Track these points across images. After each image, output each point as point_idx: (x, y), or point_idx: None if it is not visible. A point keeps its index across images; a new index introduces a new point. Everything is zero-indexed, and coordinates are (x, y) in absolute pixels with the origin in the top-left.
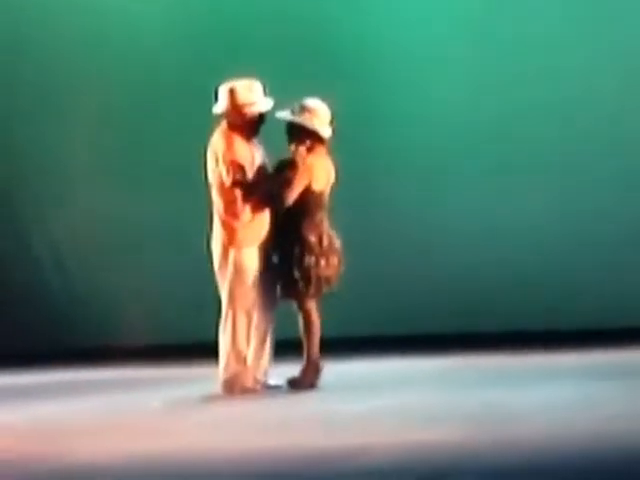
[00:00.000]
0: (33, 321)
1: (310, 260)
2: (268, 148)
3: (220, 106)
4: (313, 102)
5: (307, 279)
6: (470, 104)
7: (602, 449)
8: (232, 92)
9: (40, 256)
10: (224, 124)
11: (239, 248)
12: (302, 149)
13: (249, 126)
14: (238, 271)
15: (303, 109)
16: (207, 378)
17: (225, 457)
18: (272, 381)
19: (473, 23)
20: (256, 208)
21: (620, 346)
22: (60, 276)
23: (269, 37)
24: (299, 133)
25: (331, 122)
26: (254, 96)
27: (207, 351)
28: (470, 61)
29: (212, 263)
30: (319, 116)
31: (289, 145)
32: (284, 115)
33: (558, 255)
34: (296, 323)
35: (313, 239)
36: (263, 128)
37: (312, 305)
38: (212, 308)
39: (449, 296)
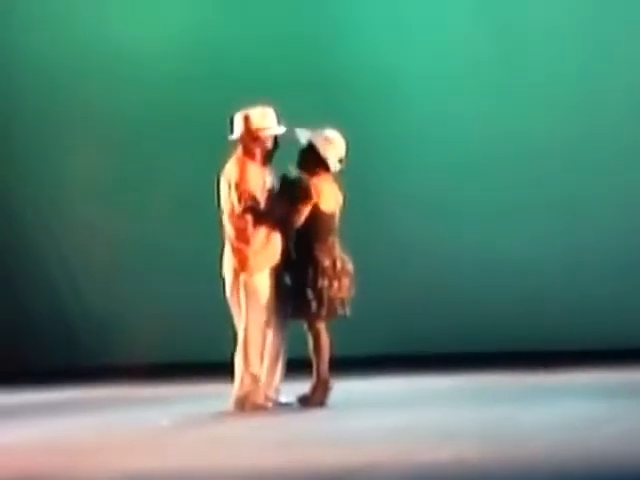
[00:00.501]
0: (43, 340)
1: (323, 282)
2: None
3: (236, 132)
4: (333, 134)
5: (320, 301)
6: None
7: (609, 467)
8: (247, 118)
9: (52, 276)
10: (239, 151)
11: (250, 274)
12: (308, 176)
13: (263, 152)
14: (250, 295)
15: (323, 138)
16: (219, 396)
17: (234, 474)
18: (283, 399)
19: (485, 42)
20: (267, 233)
21: (627, 365)
22: (73, 298)
23: (282, 67)
24: (311, 159)
25: (344, 157)
26: (268, 122)
27: (219, 369)
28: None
29: (224, 285)
30: (335, 149)
31: (298, 167)
32: (306, 136)
33: (561, 278)
34: (306, 342)
35: (327, 262)
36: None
37: (322, 326)
38: (223, 328)
39: (457, 317)
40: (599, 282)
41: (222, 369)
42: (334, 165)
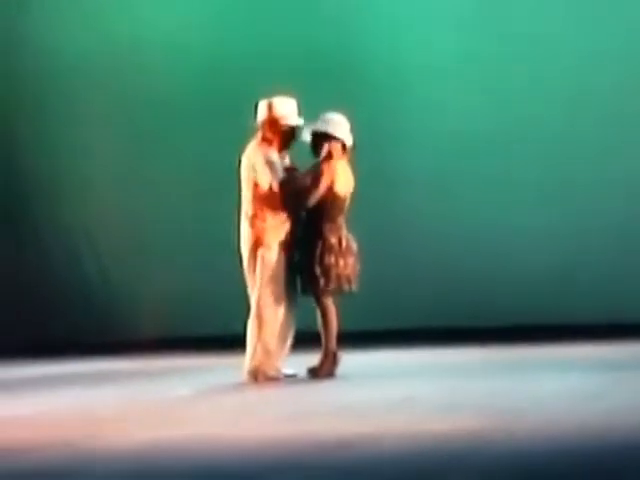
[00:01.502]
0: (69, 314)
1: (330, 259)
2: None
3: (259, 117)
4: (333, 114)
5: (327, 277)
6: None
7: (600, 439)
8: (270, 105)
9: (79, 254)
10: (259, 136)
11: (268, 248)
12: (325, 154)
13: (282, 138)
14: (266, 269)
15: (325, 121)
16: (233, 367)
17: (247, 442)
18: (288, 371)
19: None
20: (284, 210)
21: (620, 340)
22: (98, 276)
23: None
24: (322, 143)
25: (352, 135)
26: (288, 111)
27: (233, 342)
28: (485, 79)
29: (240, 262)
30: (340, 125)
31: (314, 156)
32: (307, 131)
33: (562, 254)
34: (315, 317)
35: (334, 240)
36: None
37: (329, 301)
38: (238, 303)
39: (458, 293)
40: (593, 258)
41: (237, 342)
42: (348, 140)
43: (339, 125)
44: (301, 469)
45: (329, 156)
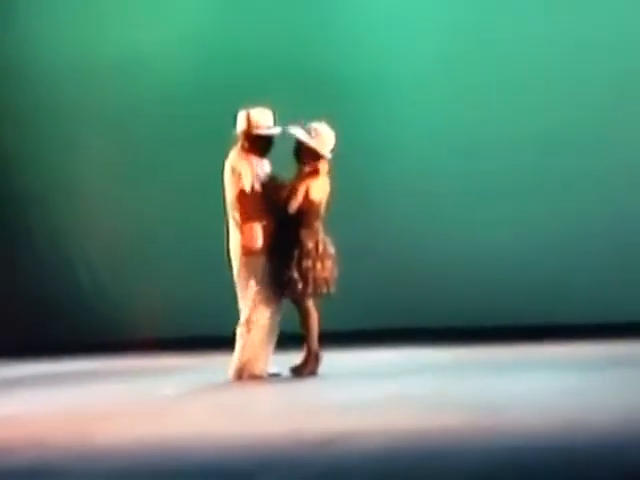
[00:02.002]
0: (62, 315)
1: (307, 263)
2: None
3: (238, 127)
4: (322, 127)
5: (305, 280)
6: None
7: (580, 435)
8: (247, 116)
9: (70, 256)
10: (239, 145)
11: (257, 253)
12: (312, 170)
13: (260, 147)
14: (257, 275)
15: (314, 132)
16: (222, 367)
17: (233, 440)
18: (272, 369)
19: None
20: (267, 216)
21: (604, 339)
22: (91, 279)
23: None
24: (303, 152)
25: (334, 147)
26: (266, 121)
27: (223, 343)
28: (469, 87)
29: (230, 266)
30: (325, 140)
31: (296, 160)
32: (298, 133)
33: (543, 256)
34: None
35: (310, 245)
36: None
37: (309, 303)
38: (228, 305)
39: (441, 294)
40: (578, 258)
41: (224, 342)
42: (326, 153)
43: (327, 142)
44: (286, 466)
45: (315, 173)
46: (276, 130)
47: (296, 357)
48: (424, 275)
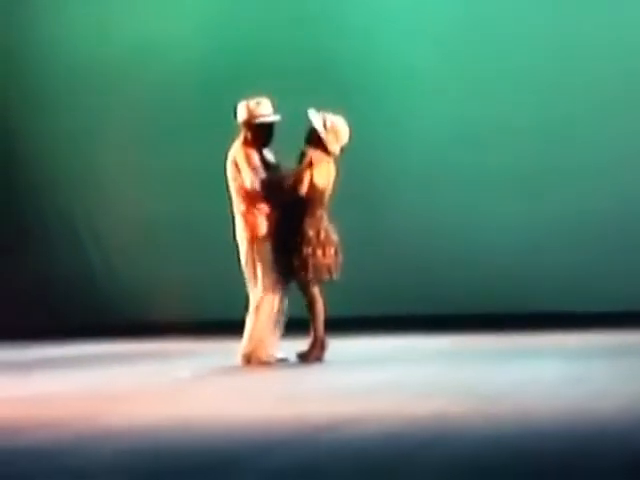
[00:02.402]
0: (78, 299)
1: (308, 250)
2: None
3: (239, 118)
4: (339, 121)
5: (305, 267)
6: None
7: (583, 423)
8: (246, 107)
9: (85, 243)
10: (241, 136)
11: (263, 241)
12: (312, 151)
13: (261, 136)
14: (264, 262)
15: (329, 123)
16: (232, 352)
17: (240, 423)
18: (280, 355)
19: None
20: (271, 205)
21: (608, 328)
22: (103, 263)
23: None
24: (315, 138)
25: (346, 145)
26: (265, 110)
27: (234, 328)
28: (467, 77)
29: (236, 253)
30: (339, 135)
31: (305, 142)
32: (315, 120)
33: (552, 244)
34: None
35: (311, 232)
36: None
37: (315, 289)
38: (238, 290)
39: (445, 282)
40: (583, 247)
41: (234, 327)
42: (334, 149)
43: (340, 137)
44: (289, 449)
45: (310, 164)
46: (276, 117)
47: (303, 343)
48: (426, 263)
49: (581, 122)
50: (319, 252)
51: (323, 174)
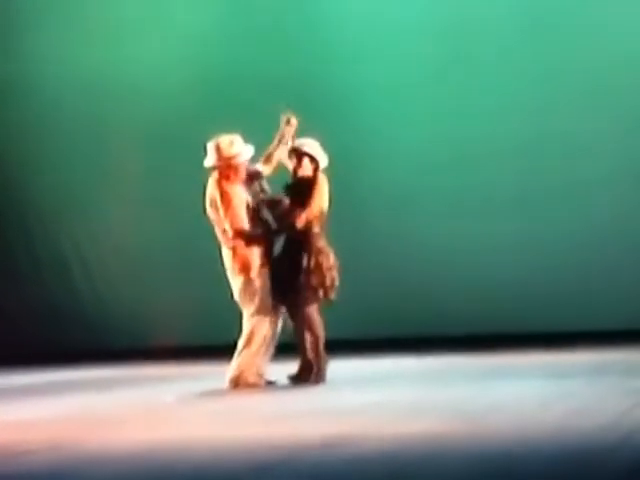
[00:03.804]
0: (66, 326)
1: (307, 271)
2: None
3: (210, 160)
4: (316, 146)
5: (305, 287)
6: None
7: (567, 440)
8: (217, 147)
9: (72, 270)
10: (215, 174)
11: (255, 271)
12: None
13: (237, 173)
14: (258, 293)
15: (311, 147)
16: (218, 375)
17: (229, 444)
18: (269, 378)
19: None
20: (261, 235)
21: (588, 347)
22: (90, 288)
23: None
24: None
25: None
26: (236, 149)
27: (224, 352)
28: (451, 96)
29: (226, 280)
30: (315, 149)
31: (294, 167)
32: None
33: (527, 266)
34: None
35: (310, 254)
36: None
37: (310, 312)
38: (229, 313)
39: (430, 304)
40: (566, 267)
41: (224, 351)
42: (323, 160)
43: (316, 149)
44: (280, 470)
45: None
46: (249, 153)
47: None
48: (411, 286)
49: (572, 139)
50: (318, 274)
51: (324, 195)
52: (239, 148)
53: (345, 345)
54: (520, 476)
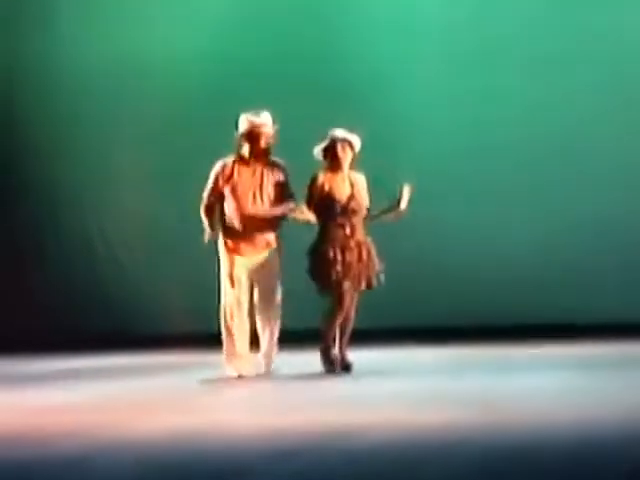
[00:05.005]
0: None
1: (344, 257)
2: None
3: (240, 130)
4: (354, 138)
5: (345, 273)
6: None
7: (584, 432)
8: (247, 119)
9: (98, 258)
10: (236, 152)
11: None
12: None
13: (259, 149)
14: (275, 273)
15: (344, 140)
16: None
17: (247, 432)
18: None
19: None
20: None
21: (606, 339)
22: (115, 275)
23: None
24: (327, 154)
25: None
26: (262, 120)
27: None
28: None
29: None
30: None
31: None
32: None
33: (541, 254)
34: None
35: (342, 241)
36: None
37: (343, 302)
38: None
39: (452, 294)
40: (579, 258)
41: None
42: (345, 167)
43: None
44: (297, 456)
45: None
46: (273, 129)
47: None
48: (427, 277)
49: (579, 134)
50: (354, 259)
51: (337, 188)
52: (264, 121)
53: (357, 336)
54: (538, 466)
